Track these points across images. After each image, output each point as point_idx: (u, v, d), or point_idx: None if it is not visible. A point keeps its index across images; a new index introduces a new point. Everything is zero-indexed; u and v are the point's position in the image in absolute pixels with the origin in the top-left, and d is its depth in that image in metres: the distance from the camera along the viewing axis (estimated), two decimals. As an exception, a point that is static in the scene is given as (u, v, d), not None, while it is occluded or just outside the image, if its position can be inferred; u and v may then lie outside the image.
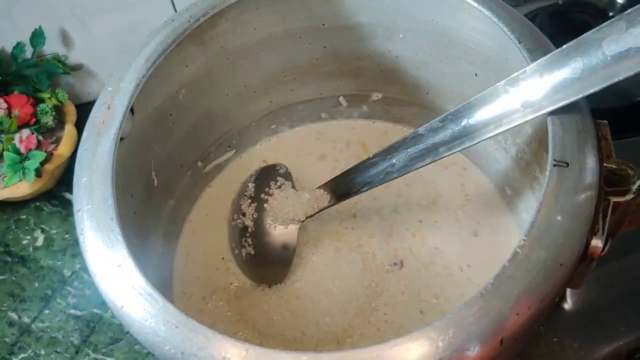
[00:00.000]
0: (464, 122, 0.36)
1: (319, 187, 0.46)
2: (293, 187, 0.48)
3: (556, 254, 0.29)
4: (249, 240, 0.47)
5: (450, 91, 0.48)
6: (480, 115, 0.35)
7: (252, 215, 0.48)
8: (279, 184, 0.48)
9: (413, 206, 0.49)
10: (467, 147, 0.36)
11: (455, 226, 0.48)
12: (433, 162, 0.38)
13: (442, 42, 0.45)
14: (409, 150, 0.39)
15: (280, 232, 0.46)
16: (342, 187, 0.44)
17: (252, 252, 0.47)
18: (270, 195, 0.48)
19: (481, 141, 0.35)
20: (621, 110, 0.54)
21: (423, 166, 0.39)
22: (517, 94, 0.33)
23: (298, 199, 0.46)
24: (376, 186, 0.42)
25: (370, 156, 0.42)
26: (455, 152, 0.37)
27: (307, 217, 0.46)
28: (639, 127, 0.54)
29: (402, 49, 0.48)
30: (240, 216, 0.48)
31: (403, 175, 0.40)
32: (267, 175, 0.50)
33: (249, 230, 0.47)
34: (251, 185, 0.50)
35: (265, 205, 0.48)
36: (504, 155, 0.46)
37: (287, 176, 0.49)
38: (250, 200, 0.49)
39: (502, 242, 0.47)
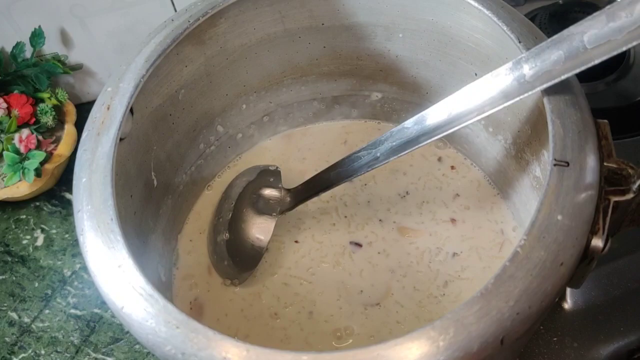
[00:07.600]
0: (448, 112, 0.37)
1: (301, 184, 0.47)
2: (281, 185, 0.48)
3: (556, 254, 0.29)
4: (226, 225, 0.48)
5: (450, 91, 0.48)
6: (463, 105, 0.36)
7: (232, 205, 0.49)
8: (267, 182, 0.49)
9: (413, 207, 0.50)
10: (449, 132, 0.37)
11: (455, 226, 0.48)
12: (413, 150, 0.39)
13: (442, 42, 0.45)
14: (393, 143, 0.40)
15: (258, 222, 0.47)
16: (324, 182, 0.45)
17: (227, 238, 0.48)
18: (257, 192, 0.49)
19: (462, 126, 0.36)
20: (621, 110, 0.54)
21: (404, 154, 0.39)
22: (498, 84, 0.34)
23: (279, 194, 0.48)
24: (358, 175, 0.42)
25: (355, 151, 0.42)
26: (437, 138, 0.37)
27: (283, 212, 0.47)
28: (639, 127, 0.54)
29: (401, 48, 0.48)
30: (223, 210, 0.49)
31: (383, 163, 0.40)
32: (256, 174, 0.50)
33: (228, 217, 0.48)
34: (239, 182, 0.50)
35: (250, 199, 0.48)
36: (505, 155, 0.46)
37: (276, 174, 0.49)
38: (237, 197, 0.49)
39: (502, 242, 0.47)
